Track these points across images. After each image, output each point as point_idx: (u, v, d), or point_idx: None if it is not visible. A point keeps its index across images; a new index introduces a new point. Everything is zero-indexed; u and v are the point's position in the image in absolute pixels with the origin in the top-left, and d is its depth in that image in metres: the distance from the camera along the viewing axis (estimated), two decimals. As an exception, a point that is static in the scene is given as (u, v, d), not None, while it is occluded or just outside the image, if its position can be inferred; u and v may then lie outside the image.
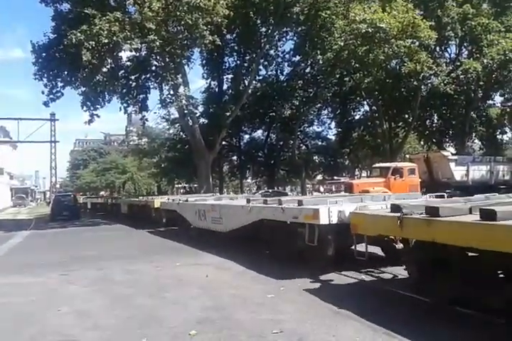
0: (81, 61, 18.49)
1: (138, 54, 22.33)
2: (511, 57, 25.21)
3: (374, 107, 33.88)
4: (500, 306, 4.79)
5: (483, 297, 4.99)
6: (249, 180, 52.05)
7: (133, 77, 23.25)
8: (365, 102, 35.31)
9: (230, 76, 32.58)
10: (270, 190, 31.19)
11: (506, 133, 38.82)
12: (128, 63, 23.15)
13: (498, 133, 37.60)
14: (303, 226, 7.82)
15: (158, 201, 18.45)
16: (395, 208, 5.84)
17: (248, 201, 10.29)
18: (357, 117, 38.16)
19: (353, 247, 6.88)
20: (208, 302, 6.33)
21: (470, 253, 5.12)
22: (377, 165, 24.95)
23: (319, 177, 47.13)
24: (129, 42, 19.53)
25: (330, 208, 7.30)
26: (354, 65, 26.82)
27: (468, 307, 5.29)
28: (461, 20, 27.88)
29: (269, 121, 35.77)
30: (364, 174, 45.60)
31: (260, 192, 30.33)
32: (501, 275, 5.09)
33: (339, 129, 38.66)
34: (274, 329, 5.01)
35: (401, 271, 7.07)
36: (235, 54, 31.40)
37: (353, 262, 7.33)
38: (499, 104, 35.43)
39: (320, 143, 40.54)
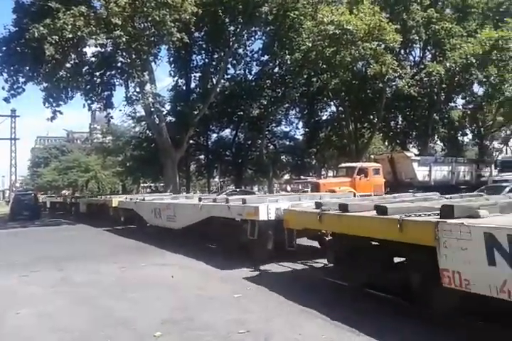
0: (44, 56, 17.96)
1: (103, 50, 21.89)
2: (473, 61, 26.00)
3: (341, 108, 34.29)
4: (396, 288, 5.70)
5: (384, 280, 5.85)
6: (216, 179, 51.81)
7: (98, 74, 22.76)
8: (332, 103, 35.67)
9: (198, 74, 32.31)
10: (237, 189, 31.06)
11: (467, 134, 40.07)
12: (93, 59, 22.62)
13: (459, 134, 38.73)
14: (247, 223, 8.66)
15: (116, 200, 18.78)
16: (318, 205, 6.80)
17: (200, 200, 11.16)
18: (324, 117, 38.56)
19: (297, 241, 7.92)
20: (173, 303, 6.25)
21: (373, 243, 5.96)
22: (343, 165, 25.29)
23: (286, 176, 47.42)
24: (94, 37, 19.15)
25: (268, 206, 8.19)
26: (321, 66, 27.14)
27: (378, 289, 6.11)
28: (426, 24, 28.60)
29: (237, 121, 35.65)
30: (330, 174, 46.17)
31: (227, 191, 30.21)
32: (397, 261, 5.96)
33: (306, 129, 38.88)
34: (240, 329, 4.99)
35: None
36: (203, 52, 31.18)
37: (301, 254, 8.59)
38: (460, 107, 36.56)
39: (287, 142, 40.71)
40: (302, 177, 37.44)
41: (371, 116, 34.60)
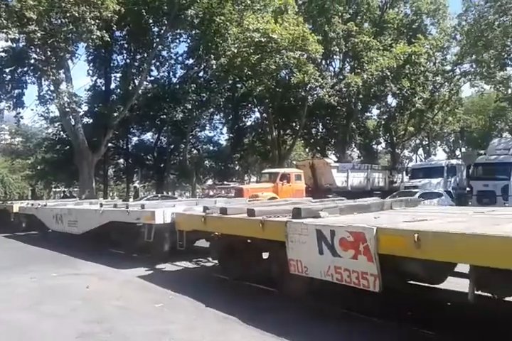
0: None
1: (15, 45, 20.37)
2: (388, 73, 27.68)
3: (265, 114, 34.87)
4: (265, 279, 6.56)
5: (256, 272, 6.75)
6: (136, 184, 50.31)
7: (7, 70, 21.14)
8: (256, 109, 36.23)
9: (118, 75, 31.15)
10: (159, 195, 30.27)
11: (381, 143, 42.63)
12: (2, 54, 20.98)
13: (373, 143, 41.03)
14: (145, 226, 9.31)
15: (16, 206, 18.38)
16: (205, 209, 7.66)
17: (101, 205, 11.75)
18: (248, 123, 39.20)
19: (196, 243, 9.14)
20: (89, 315, 5.85)
21: (248, 241, 6.77)
22: (266, 170, 25.61)
23: (210, 181, 47.22)
24: (4, 31, 17.85)
25: (165, 210, 8.87)
26: (247, 72, 27.43)
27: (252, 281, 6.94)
28: (345, 36, 30.04)
29: (160, 124, 34.90)
30: (253, 179, 46.66)
31: (149, 196, 29.33)
32: (265, 256, 6.83)
33: (231, 135, 39.17)
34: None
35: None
36: (124, 52, 30.04)
37: (202, 253, 9.26)
38: (375, 117, 38.81)
39: (212, 147, 40.65)
40: (225, 182, 37.50)
41: (293, 124, 35.58)
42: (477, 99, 45.15)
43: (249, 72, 27.28)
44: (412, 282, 5.85)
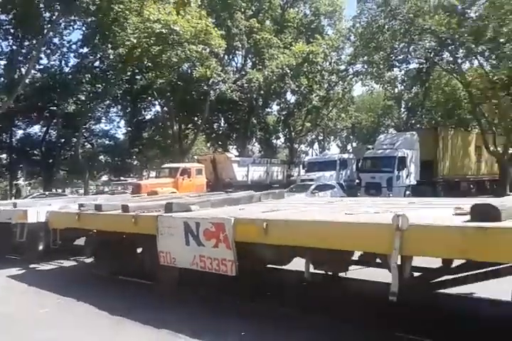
0: None
1: None
2: (287, 71, 28.56)
3: (166, 108, 34.05)
4: (139, 273, 6.73)
5: (131, 268, 6.93)
6: (20, 181, 46.28)
7: None
8: (157, 102, 35.33)
9: (2, 62, 28.39)
10: (46, 193, 28.12)
11: (280, 138, 43.89)
12: None
13: (273, 138, 42.14)
14: (17, 226, 8.94)
15: None
16: (79, 206, 7.68)
17: None
18: (148, 117, 38.13)
19: (75, 241, 9.04)
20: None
21: (124, 236, 6.81)
22: (166, 165, 25.09)
23: (105, 177, 45.04)
24: None
25: (39, 209, 8.71)
26: (147, 64, 26.58)
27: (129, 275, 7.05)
28: (248, 33, 30.42)
29: (49, 116, 32.50)
30: (152, 174, 45.37)
31: (35, 194, 27.10)
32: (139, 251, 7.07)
33: (129, 128, 37.71)
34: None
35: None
36: (10, 37, 27.45)
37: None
38: (275, 112, 39.85)
39: (107, 142, 38.61)
40: (122, 178, 36.00)
41: (195, 118, 35.30)
42: (367, 98, 48.24)
43: (150, 64, 26.49)
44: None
